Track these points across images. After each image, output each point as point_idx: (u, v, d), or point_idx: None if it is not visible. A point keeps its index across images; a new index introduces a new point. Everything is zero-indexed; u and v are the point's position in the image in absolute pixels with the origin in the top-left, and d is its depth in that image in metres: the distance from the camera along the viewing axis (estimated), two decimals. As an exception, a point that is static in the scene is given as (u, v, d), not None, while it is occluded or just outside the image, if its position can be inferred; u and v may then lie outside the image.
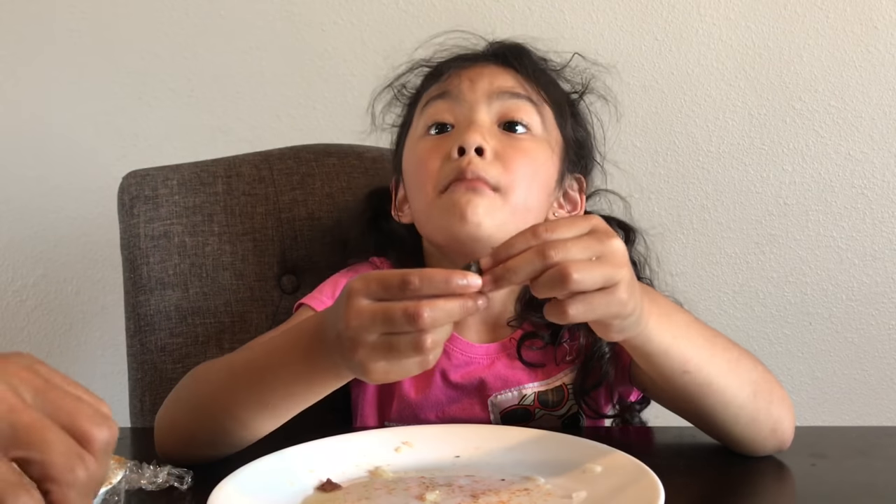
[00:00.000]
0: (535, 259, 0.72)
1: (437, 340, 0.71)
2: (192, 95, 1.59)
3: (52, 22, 1.57)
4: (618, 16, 1.58)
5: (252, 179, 1.25)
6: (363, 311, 0.72)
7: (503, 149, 1.00)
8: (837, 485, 0.88)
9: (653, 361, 0.86)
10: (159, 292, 1.20)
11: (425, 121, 1.04)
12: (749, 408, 0.89)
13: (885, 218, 1.61)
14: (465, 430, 0.94)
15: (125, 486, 0.79)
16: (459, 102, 1.02)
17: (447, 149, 1.00)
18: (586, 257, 0.73)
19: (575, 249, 0.72)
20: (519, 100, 1.03)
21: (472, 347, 1.06)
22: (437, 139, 1.02)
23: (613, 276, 0.73)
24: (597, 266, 0.73)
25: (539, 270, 0.72)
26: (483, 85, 1.03)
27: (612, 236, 0.75)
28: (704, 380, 0.87)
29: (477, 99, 1.02)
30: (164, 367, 1.18)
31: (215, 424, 0.87)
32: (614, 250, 0.74)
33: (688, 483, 0.87)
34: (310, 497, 0.81)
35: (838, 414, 1.66)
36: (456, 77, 1.04)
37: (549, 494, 0.80)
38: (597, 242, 0.74)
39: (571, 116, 1.09)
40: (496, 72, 1.05)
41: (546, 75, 1.09)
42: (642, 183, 1.58)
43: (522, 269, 0.72)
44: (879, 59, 1.57)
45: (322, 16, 1.58)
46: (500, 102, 1.02)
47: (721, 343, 0.90)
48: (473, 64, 1.06)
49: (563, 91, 1.11)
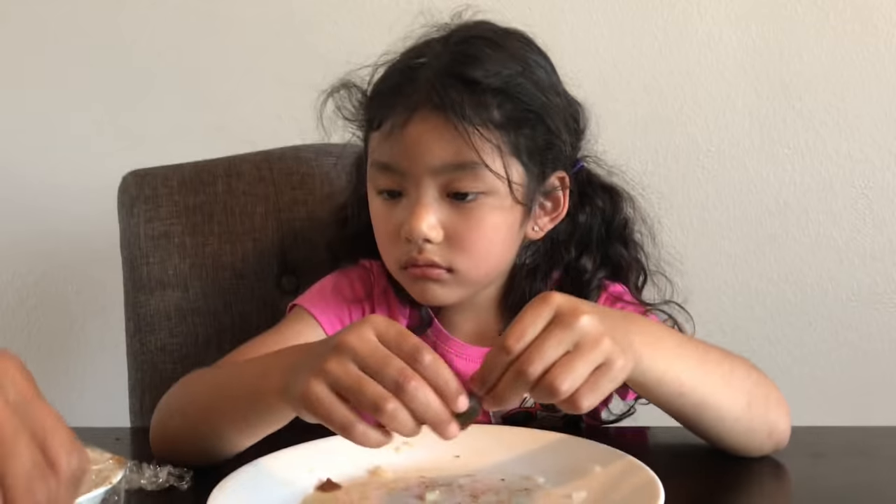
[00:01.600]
0: (516, 383, 0.72)
1: (398, 420, 0.70)
2: (192, 95, 1.59)
3: (52, 22, 1.57)
4: (618, 16, 1.58)
5: (252, 179, 1.25)
6: (368, 340, 0.72)
7: (453, 227, 0.97)
8: (837, 485, 0.88)
9: (648, 390, 0.86)
10: (159, 292, 1.20)
11: (377, 183, 1.00)
12: (744, 419, 0.89)
13: (886, 218, 1.61)
14: (464, 430, 0.93)
15: (125, 486, 0.79)
16: (402, 176, 0.97)
17: (396, 225, 0.98)
18: (562, 353, 0.72)
19: (550, 354, 0.72)
20: (462, 171, 0.95)
21: (466, 347, 1.06)
22: (388, 207, 1.00)
23: (599, 358, 0.73)
24: (579, 360, 0.72)
25: (528, 388, 0.72)
26: (423, 158, 0.96)
27: (579, 315, 0.73)
28: (699, 399, 0.87)
29: (419, 174, 0.96)
30: (163, 367, 1.18)
31: (200, 437, 0.89)
32: (587, 331, 0.73)
33: (687, 483, 0.87)
34: (310, 497, 0.81)
35: (838, 414, 1.65)
36: (396, 142, 0.96)
37: (549, 494, 0.80)
38: (567, 332, 0.73)
39: (530, 128, 0.99)
40: (435, 135, 0.95)
41: (497, 111, 0.96)
42: (642, 183, 1.58)
43: (511, 395, 0.73)
44: (879, 59, 1.57)
45: (322, 16, 1.58)
46: (444, 176, 0.96)
47: (713, 358, 0.89)
48: (411, 115, 0.96)
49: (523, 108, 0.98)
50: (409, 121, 0.96)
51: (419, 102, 0.96)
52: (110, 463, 0.78)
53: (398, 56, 1.04)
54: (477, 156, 0.95)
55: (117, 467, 0.77)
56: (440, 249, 0.97)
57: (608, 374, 0.74)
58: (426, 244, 0.97)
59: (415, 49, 1.03)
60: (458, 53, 0.99)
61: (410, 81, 0.98)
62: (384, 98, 1.00)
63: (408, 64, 1.01)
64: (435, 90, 0.96)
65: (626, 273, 1.09)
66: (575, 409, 0.74)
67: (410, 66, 1.00)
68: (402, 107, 0.97)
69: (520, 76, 0.99)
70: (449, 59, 0.99)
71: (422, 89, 0.97)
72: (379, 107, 1.00)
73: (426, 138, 0.96)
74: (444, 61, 0.98)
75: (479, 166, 0.95)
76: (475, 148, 0.95)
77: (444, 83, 0.96)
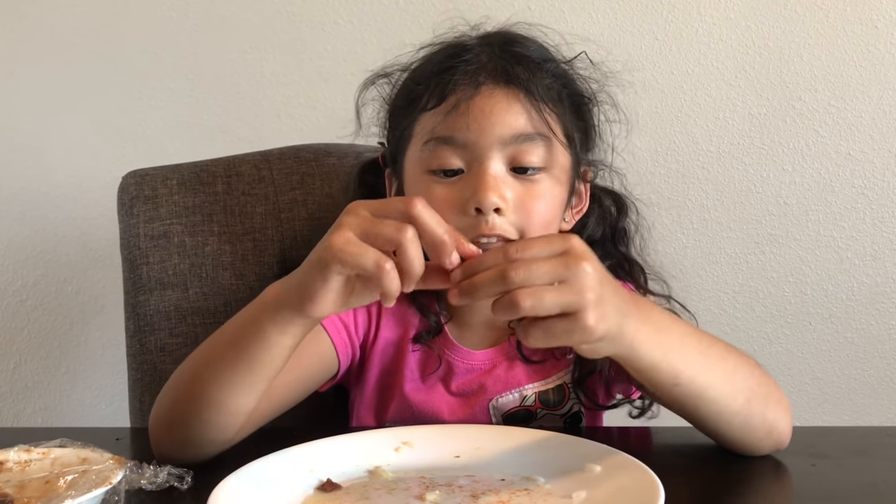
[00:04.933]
0: (496, 279, 0.72)
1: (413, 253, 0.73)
2: (192, 95, 1.59)
3: (52, 21, 1.57)
4: (618, 16, 1.58)
5: (252, 179, 1.25)
6: (359, 210, 0.75)
7: (519, 198, 0.97)
8: (837, 485, 0.88)
9: (642, 375, 0.86)
10: (159, 292, 1.20)
11: (432, 163, 0.99)
12: (742, 414, 0.89)
13: (885, 218, 1.61)
14: (465, 430, 0.94)
15: (125, 486, 0.79)
16: (468, 149, 0.97)
17: (461, 199, 0.96)
18: (549, 281, 0.72)
19: (538, 273, 0.72)
20: (531, 142, 0.97)
21: (473, 354, 1.06)
22: (448, 186, 0.98)
23: (573, 303, 0.73)
24: (553, 292, 0.72)
25: (500, 291, 0.72)
26: (493, 129, 0.96)
27: (583, 260, 0.74)
28: (696, 391, 0.87)
29: (488, 145, 0.96)
30: (163, 367, 1.18)
31: (189, 404, 0.87)
32: (581, 275, 0.73)
33: (688, 483, 0.87)
34: (310, 497, 0.81)
35: (838, 414, 1.66)
36: (462, 115, 0.97)
37: (549, 494, 0.80)
38: (562, 267, 0.73)
39: (574, 114, 1.03)
40: (505, 105, 0.97)
41: (552, 90, 1.01)
42: (642, 183, 1.58)
43: (484, 288, 0.73)
44: (879, 59, 1.58)
45: (322, 16, 1.58)
46: (512, 147, 0.97)
47: (717, 353, 0.89)
48: (477, 89, 0.98)
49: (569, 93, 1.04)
50: (476, 94, 0.97)
51: (486, 77, 0.98)
52: (110, 463, 0.78)
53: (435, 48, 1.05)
54: (547, 128, 0.98)
55: (117, 467, 0.77)
56: (507, 222, 0.97)
57: (568, 323, 0.73)
58: (495, 216, 0.96)
59: (448, 44, 1.05)
60: (509, 40, 1.03)
61: (469, 61, 1.00)
62: (441, 76, 1.00)
63: (459, 46, 1.02)
64: (500, 66, 0.99)
65: (631, 272, 1.09)
66: (522, 339, 0.75)
67: (463, 47, 1.02)
68: (465, 82, 0.98)
69: (569, 66, 1.04)
70: (502, 42, 1.02)
71: (487, 66, 0.99)
72: (436, 85, 1.00)
73: (497, 109, 0.97)
74: (497, 45, 1.02)
75: (547, 138, 0.98)
76: (545, 120, 0.98)
77: (509, 60, 0.99)
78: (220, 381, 0.85)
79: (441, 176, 0.98)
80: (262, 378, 0.85)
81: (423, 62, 1.05)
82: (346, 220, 0.75)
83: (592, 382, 1.05)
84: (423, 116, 1.00)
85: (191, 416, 0.87)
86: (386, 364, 1.08)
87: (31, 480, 0.77)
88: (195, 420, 0.87)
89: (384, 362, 1.07)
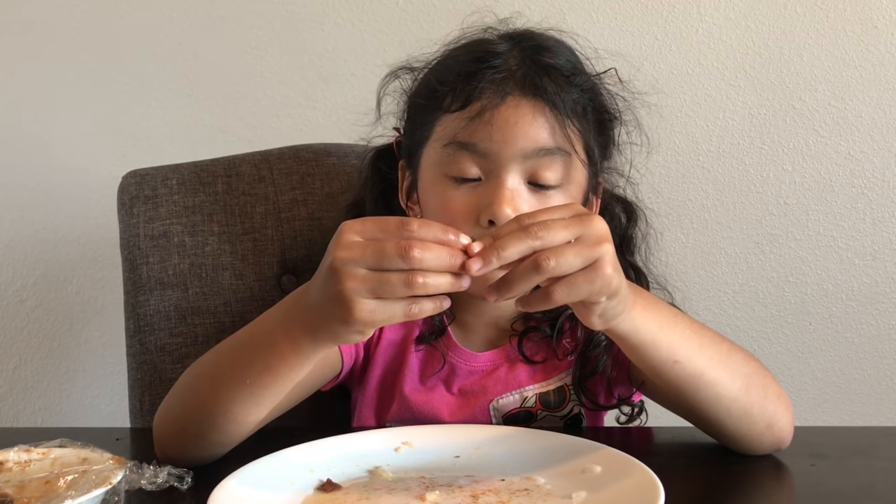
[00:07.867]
0: (518, 239, 0.73)
1: (429, 285, 0.72)
2: (192, 95, 1.59)
3: (52, 21, 1.57)
4: (618, 16, 1.58)
5: (252, 179, 1.25)
6: (354, 244, 0.73)
7: None
8: (837, 485, 0.88)
9: (641, 353, 0.86)
10: (159, 292, 1.20)
11: (451, 168, 0.97)
12: (741, 401, 0.89)
13: (885, 218, 1.61)
14: (465, 430, 0.94)
15: (125, 487, 0.79)
16: (488, 159, 0.95)
17: (476, 208, 0.95)
18: (567, 238, 0.74)
19: (556, 228, 0.74)
20: (551, 157, 0.96)
21: (475, 356, 1.06)
22: (462, 193, 0.97)
23: (593, 254, 0.75)
24: (573, 248, 0.74)
25: (524, 252, 0.73)
26: (516, 141, 0.95)
27: (592, 216, 0.77)
28: (695, 371, 0.87)
29: (509, 157, 0.95)
30: (163, 367, 1.18)
31: (203, 411, 0.87)
32: (594, 230, 0.76)
33: (688, 483, 0.87)
34: (310, 497, 0.81)
35: (838, 414, 1.66)
36: (486, 124, 0.95)
37: (549, 494, 0.80)
38: (577, 223, 0.75)
39: (597, 130, 1.02)
40: (529, 118, 0.96)
41: (578, 104, 0.99)
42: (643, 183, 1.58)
43: (509, 248, 0.73)
44: (879, 59, 1.57)
45: (322, 16, 1.58)
46: (532, 160, 0.95)
47: (710, 336, 0.91)
48: (503, 98, 0.96)
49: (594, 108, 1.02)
50: (502, 103, 0.96)
51: (513, 87, 0.97)
52: (110, 463, 0.78)
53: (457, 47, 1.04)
54: (569, 144, 0.97)
55: (117, 467, 0.77)
56: None
57: (590, 274, 0.75)
58: None
59: (475, 42, 1.03)
60: (539, 48, 1.01)
61: (497, 67, 0.98)
62: (467, 79, 0.98)
63: (488, 50, 1.00)
64: (528, 76, 0.97)
65: (637, 280, 1.09)
66: (545, 299, 0.75)
67: (492, 51, 1.00)
68: (492, 90, 0.97)
69: (598, 80, 1.03)
70: (532, 50, 1.00)
71: (515, 74, 0.98)
72: (462, 88, 0.98)
73: (522, 122, 0.96)
74: (526, 52, 1.00)
75: (567, 154, 0.97)
76: (568, 136, 0.97)
77: (537, 71, 0.98)
78: (238, 396, 0.85)
79: (457, 182, 0.97)
80: (279, 393, 0.85)
81: (449, 59, 1.03)
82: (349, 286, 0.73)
83: (593, 384, 1.05)
84: (445, 117, 0.99)
85: (204, 425, 0.88)
86: (388, 364, 1.08)
87: (31, 480, 0.77)
88: (209, 428, 0.88)
89: (387, 363, 1.08)
